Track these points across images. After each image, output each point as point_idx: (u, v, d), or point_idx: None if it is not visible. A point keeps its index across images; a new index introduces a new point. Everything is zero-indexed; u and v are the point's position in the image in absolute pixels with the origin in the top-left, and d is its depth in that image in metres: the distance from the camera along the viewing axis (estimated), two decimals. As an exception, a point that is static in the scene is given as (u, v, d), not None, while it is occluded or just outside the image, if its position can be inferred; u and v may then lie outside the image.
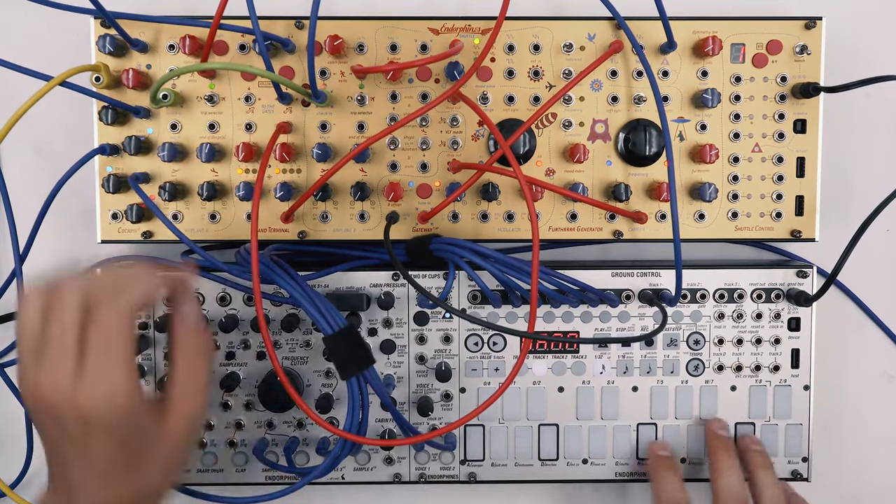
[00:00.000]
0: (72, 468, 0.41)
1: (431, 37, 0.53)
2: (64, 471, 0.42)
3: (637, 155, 0.54)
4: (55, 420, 0.40)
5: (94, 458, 0.40)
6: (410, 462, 0.56)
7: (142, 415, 0.41)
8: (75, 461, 0.41)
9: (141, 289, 0.43)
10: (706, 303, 0.56)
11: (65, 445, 0.41)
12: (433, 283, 0.55)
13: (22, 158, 0.60)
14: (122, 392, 0.40)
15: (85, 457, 0.41)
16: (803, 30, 0.54)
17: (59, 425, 0.40)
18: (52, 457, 0.42)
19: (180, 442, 0.44)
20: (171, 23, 0.52)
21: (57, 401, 0.39)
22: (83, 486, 0.41)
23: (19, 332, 0.41)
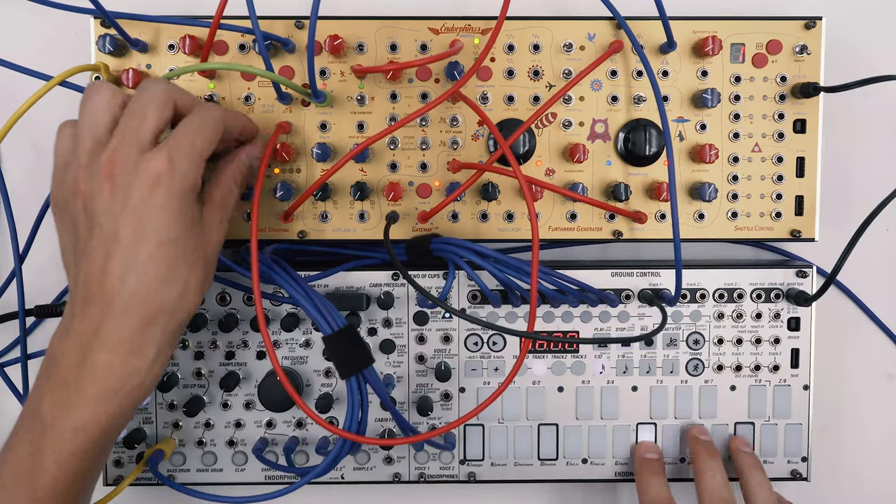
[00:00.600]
0: (118, 251, 0.40)
1: (431, 37, 0.53)
2: (104, 262, 0.41)
3: (637, 155, 0.54)
4: (118, 189, 0.40)
5: (148, 231, 0.40)
6: (410, 462, 0.56)
7: (196, 204, 0.43)
8: (125, 239, 0.40)
9: (231, 111, 0.48)
10: (706, 303, 0.56)
11: (119, 220, 0.40)
12: (433, 282, 0.55)
13: (22, 158, 0.60)
14: (192, 170, 0.42)
15: (139, 231, 0.40)
16: (803, 30, 0.54)
17: (119, 194, 0.40)
18: (91, 252, 0.41)
19: (213, 251, 0.45)
20: (171, 23, 0.52)
21: (127, 167, 0.41)
22: (124, 276, 0.41)
23: (87, 120, 0.43)
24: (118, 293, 0.41)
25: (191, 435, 0.56)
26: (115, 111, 0.43)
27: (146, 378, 0.43)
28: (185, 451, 0.56)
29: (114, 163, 0.41)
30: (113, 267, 0.41)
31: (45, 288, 0.59)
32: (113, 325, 0.41)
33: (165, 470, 0.56)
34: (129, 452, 0.55)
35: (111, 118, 0.43)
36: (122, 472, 0.55)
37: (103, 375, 0.41)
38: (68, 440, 0.41)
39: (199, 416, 0.56)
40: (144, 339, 0.42)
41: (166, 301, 0.42)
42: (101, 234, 0.41)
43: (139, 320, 0.41)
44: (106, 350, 0.41)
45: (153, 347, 0.42)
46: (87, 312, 0.41)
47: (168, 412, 0.56)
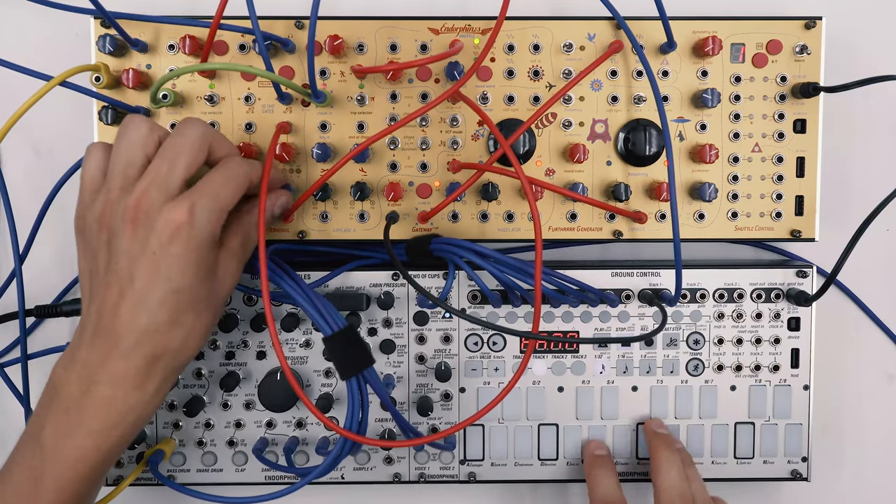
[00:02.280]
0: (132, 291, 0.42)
1: (431, 37, 0.53)
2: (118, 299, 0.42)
3: (637, 155, 0.54)
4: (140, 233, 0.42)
5: (162, 277, 0.42)
6: (410, 462, 0.56)
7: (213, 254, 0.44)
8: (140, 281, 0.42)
9: (260, 167, 0.48)
10: (706, 303, 0.56)
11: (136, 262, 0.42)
12: (433, 282, 0.55)
13: (22, 158, 0.60)
14: (212, 223, 0.43)
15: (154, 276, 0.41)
16: (803, 30, 0.54)
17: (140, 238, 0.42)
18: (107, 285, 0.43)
19: (223, 297, 0.47)
20: (171, 23, 0.52)
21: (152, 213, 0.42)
22: (135, 316, 0.42)
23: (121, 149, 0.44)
24: (127, 331, 0.42)
25: (191, 435, 0.56)
26: (150, 151, 0.44)
27: (145, 411, 0.44)
28: (185, 452, 0.56)
29: (139, 207, 0.42)
30: (125, 306, 0.42)
31: (45, 288, 0.59)
32: (118, 361, 0.43)
33: (165, 470, 0.56)
34: (129, 452, 0.55)
35: (144, 157, 0.44)
36: (122, 473, 0.55)
37: (105, 408, 0.43)
38: (68, 469, 0.43)
39: (200, 416, 0.56)
40: (147, 376, 0.43)
41: (171, 343, 0.43)
42: (118, 272, 0.42)
43: (144, 358, 0.43)
44: (110, 384, 0.43)
45: (154, 384, 0.44)
46: (95, 344, 0.43)
47: (168, 412, 0.56)
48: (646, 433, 0.56)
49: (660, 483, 0.52)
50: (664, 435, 0.55)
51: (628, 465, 0.57)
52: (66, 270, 0.60)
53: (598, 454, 0.55)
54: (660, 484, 0.52)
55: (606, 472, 0.54)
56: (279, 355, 0.46)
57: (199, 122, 0.45)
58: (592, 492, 0.53)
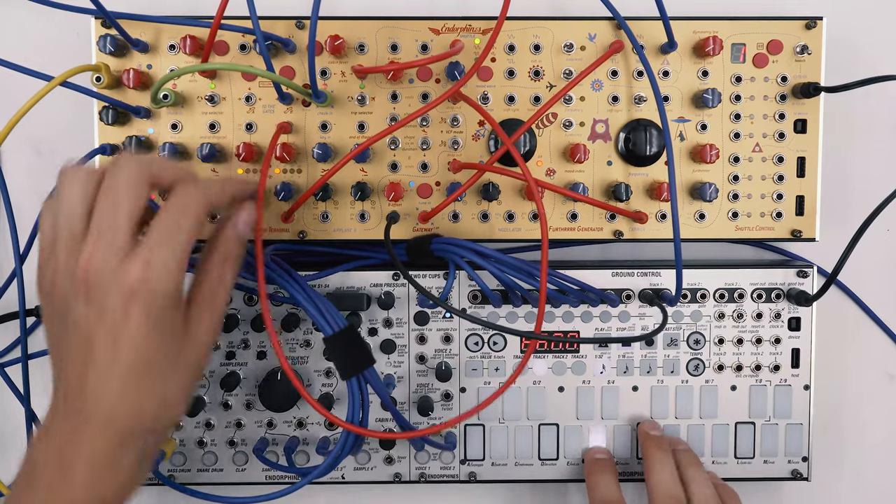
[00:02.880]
0: (93, 365, 0.39)
1: (432, 37, 0.53)
2: (81, 371, 0.39)
3: (637, 155, 0.54)
4: (94, 299, 0.38)
5: (124, 347, 0.38)
6: (410, 462, 0.56)
7: (179, 310, 0.41)
8: (100, 353, 0.38)
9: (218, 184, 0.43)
10: (706, 303, 0.56)
11: (94, 332, 0.38)
12: (433, 282, 0.55)
13: (22, 158, 0.60)
14: (172, 276, 0.39)
15: (114, 347, 0.38)
16: (804, 30, 0.54)
17: (95, 305, 0.38)
18: (69, 356, 0.40)
19: (200, 356, 0.43)
20: (171, 23, 0.52)
21: (103, 276, 0.38)
22: (100, 391, 0.39)
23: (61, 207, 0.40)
24: (95, 408, 0.39)
25: (191, 435, 0.56)
26: (90, 198, 0.40)
27: (127, 484, 0.41)
28: (185, 452, 0.56)
29: (87, 273, 0.38)
30: (90, 380, 0.39)
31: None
32: (87, 440, 0.39)
33: (166, 470, 0.56)
34: (130, 453, 0.55)
35: (86, 209, 0.40)
36: (123, 473, 0.55)
37: (83, 486, 0.40)
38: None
39: (200, 416, 0.56)
40: (121, 454, 0.40)
41: (144, 417, 0.40)
42: (78, 341, 0.39)
43: (115, 436, 0.40)
44: (83, 462, 0.39)
45: (130, 460, 0.41)
46: (68, 418, 0.40)
47: (168, 412, 0.56)
48: (639, 435, 0.56)
49: (652, 484, 0.52)
50: (657, 437, 0.55)
51: (628, 466, 0.57)
52: (67, 270, 0.60)
53: (598, 457, 0.55)
54: (652, 485, 0.52)
55: (606, 474, 0.54)
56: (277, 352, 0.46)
57: (131, 158, 0.41)
58: (591, 493, 0.53)
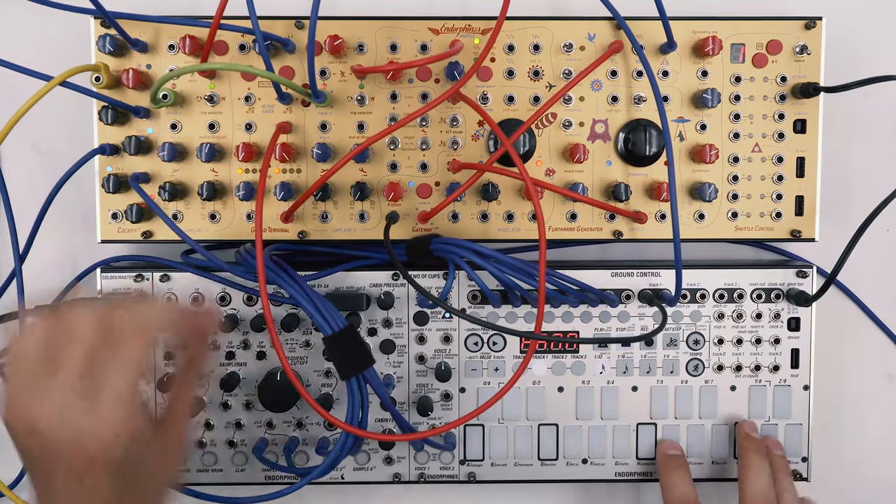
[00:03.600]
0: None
1: (431, 37, 0.53)
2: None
3: (637, 155, 0.54)
4: (50, 453, 0.37)
5: (90, 495, 0.37)
6: (410, 462, 0.56)
7: (144, 449, 0.39)
8: (68, 499, 0.38)
9: (161, 325, 0.41)
10: (706, 303, 0.56)
11: (57, 482, 0.37)
12: (433, 283, 0.55)
13: (22, 158, 0.60)
14: (130, 428, 0.38)
15: (80, 495, 0.37)
16: (803, 30, 0.54)
17: (54, 459, 0.37)
18: (41, 494, 0.39)
19: (171, 477, 0.43)
20: (171, 23, 0.52)
21: (58, 432, 0.36)
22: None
23: (16, 355, 0.38)
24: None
25: (191, 435, 0.56)
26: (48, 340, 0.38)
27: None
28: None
29: (47, 429, 0.37)
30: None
31: (46, 288, 0.59)
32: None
33: (165, 470, 0.56)
34: (130, 453, 0.55)
35: (44, 358, 0.38)
36: (123, 473, 0.55)
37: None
38: None
39: (199, 416, 0.56)
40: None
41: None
42: (46, 496, 0.38)
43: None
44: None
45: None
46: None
47: (168, 412, 0.56)
48: (738, 435, 0.56)
49: (746, 487, 0.52)
50: (756, 440, 0.54)
51: (628, 466, 0.57)
52: (66, 270, 0.60)
53: (671, 454, 0.55)
54: (746, 488, 0.52)
55: (681, 471, 0.54)
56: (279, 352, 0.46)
57: (80, 304, 0.40)
58: (666, 492, 0.53)
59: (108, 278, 0.55)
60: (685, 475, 0.54)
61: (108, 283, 0.55)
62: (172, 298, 0.55)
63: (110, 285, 0.55)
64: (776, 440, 0.56)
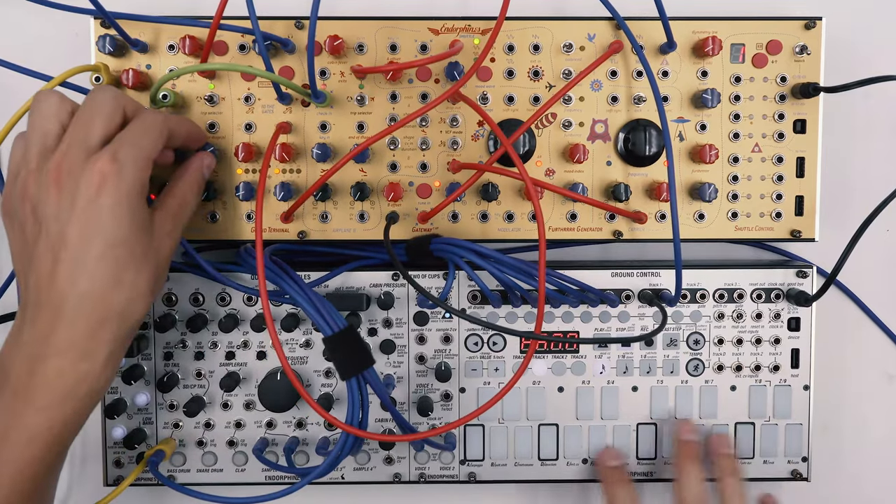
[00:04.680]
0: (65, 252, 0.41)
1: (431, 37, 0.53)
2: (53, 264, 0.41)
3: (637, 155, 0.54)
4: (65, 189, 0.41)
5: (95, 231, 0.41)
6: (410, 462, 0.56)
7: (145, 205, 0.44)
8: (72, 240, 0.41)
9: (175, 117, 0.48)
10: (706, 303, 0.56)
11: (66, 221, 0.41)
12: (433, 283, 0.55)
13: (22, 158, 0.59)
14: (138, 168, 0.42)
15: (86, 231, 0.41)
16: (803, 30, 0.54)
17: (66, 195, 0.41)
18: (40, 256, 0.42)
19: (163, 255, 0.45)
20: (171, 23, 0.52)
21: (74, 168, 0.41)
22: (73, 278, 0.41)
23: (35, 125, 0.43)
24: (67, 297, 0.41)
25: (191, 435, 0.56)
26: (64, 119, 0.43)
27: (97, 383, 0.43)
28: (185, 452, 0.56)
29: (60, 168, 0.41)
30: (61, 271, 0.41)
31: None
32: (63, 330, 0.41)
33: (166, 470, 0.56)
34: (130, 453, 0.55)
35: (59, 126, 0.43)
36: (123, 473, 0.55)
37: (54, 381, 0.41)
38: (22, 450, 0.42)
39: (200, 416, 0.56)
40: (95, 343, 0.42)
41: (115, 304, 0.42)
42: (48, 238, 0.41)
43: (89, 324, 0.41)
44: (56, 355, 0.41)
45: (104, 351, 0.42)
46: (37, 319, 0.42)
47: (168, 412, 0.56)
48: (675, 437, 0.55)
49: (677, 495, 0.52)
50: (693, 444, 0.54)
51: (629, 466, 0.57)
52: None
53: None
54: (680, 494, 0.52)
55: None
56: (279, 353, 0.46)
57: (109, 87, 0.45)
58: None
59: (108, 278, 0.55)
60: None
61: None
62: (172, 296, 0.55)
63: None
64: (723, 436, 0.55)
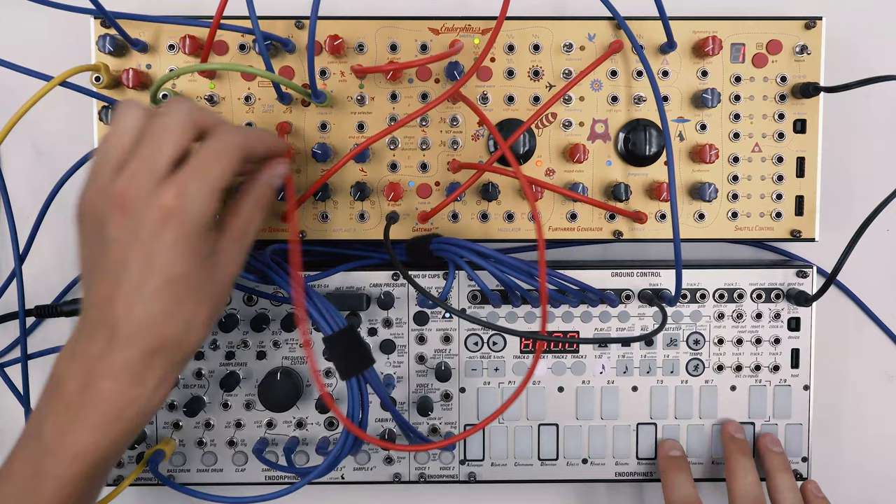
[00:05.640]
0: (125, 280, 0.40)
1: (431, 37, 0.53)
2: (113, 288, 0.41)
3: (637, 155, 0.54)
4: (129, 217, 0.40)
5: (156, 265, 0.40)
6: (410, 462, 0.56)
7: (209, 238, 0.43)
8: (133, 269, 0.40)
9: (255, 133, 0.48)
10: (706, 303, 0.56)
11: (128, 249, 0.40)
12: (433, 283, 0.55)
13: (22, 158, 0.60)
14: (205, 203, 0.41)
15: (146, 264, 0.40)
16: (803, 30, 0.54)
17: (130, 223, 0.40)
18: (102, 274, 0.41)
19: (225, 284, 0.44)
20: (171, 23, 0.52)
21: (140, 196, 0.40)
22: (130, 306, 0.40)
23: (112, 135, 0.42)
24: (123, 323, 0.41)
25: (191, 435, 0.56)
26: (139, 132, 0.42)
27: (147, 406, 0.43)
28: (185, 452, 0.56)
29: (126, 192, 0.40)
30: (120, 297, 0.41)
31: (45, 288, 0.60)
32: (117, 354, 0.41)
33: (166, 470, 0.56)
34: (130, 452, 0.55)
35: (133, 139, 0.42)
36: (123, 473, 0.55)
37: (105, 402, 0.41)
38: (68, 465, 0.42)
39: (200, 416, 0.56)
40: (147, 370, 0.42)
41: (170, 335, 0.42)
42: (110, 261, 0.41)
43: (142, 351, 0.41)
44: (109, 378, 0.41)
45: (155, 378, 0.42)
46: (94, 337, 0.42)
47: (168, 412, 0.56)
48: (722, 437, 0.56)
49: (734, 489, 0.52)
50: (741, 441, 0.55)
51: (628, 466, 0.57)
52: (66, 270, 0.60)
53: (672, 455, 0.55)
54: (734, 490, 0.52)
55: (683, 473, 0.54)
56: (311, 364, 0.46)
57: (184, 100, 0.44)
58: (668, 493, 0.53)
59: (108, 278, 0.55)
60: (687, 477, 0.54)
61: (108, 283, 0.55)
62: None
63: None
64: (773, 436, 0.56)
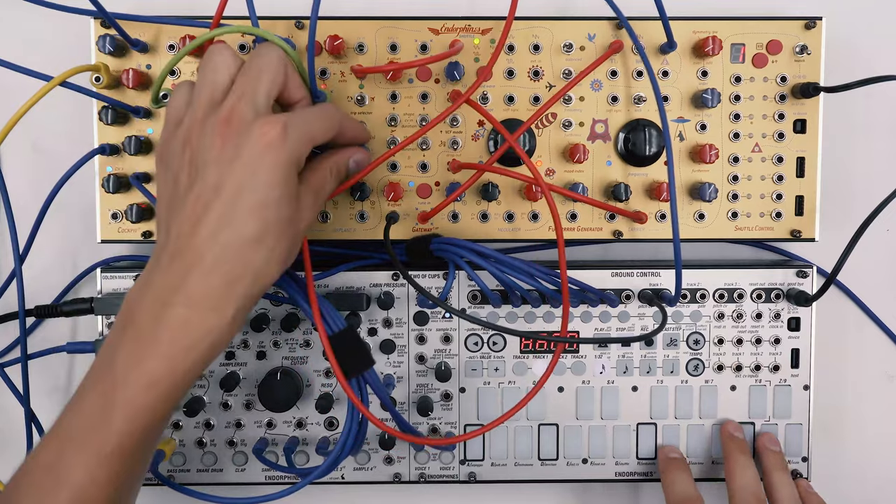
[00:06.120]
0: (218, 203, 0.41)
1: (431, 37, 0.53)
2: (200, 215, 0.41)
3: (637, 155, 0.54)
4: (232, 139, 0.41)
5: (250, 190, 0.41)
6: (410, 462, 0.56)
7: (296, 180, 0.43)
8: (227, 191, 0.41)
9: (351, 121, 0.50)
10: (706, 303, 0.56)
11: (227, 170, 0.41)
12: (433, 283, 0.55)
13: (22, 158, 0.60)
14: (303, 146, 0.43)
15: (242, 187, 0.41)
16: (803, 30, 0.54)
17: (232, 145, 0.41)
18: (189, 204, 0.42)
19: (300, 229, 0.45)
20: (171, 23, 0.52)
21: (245, 121, 0.41)
22: (218, 231, 0.41)
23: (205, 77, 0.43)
24: (209, 247, 0.41)
25: (191, 435, 0.56)
26: (234, 74, 0.43)
27: (220, 339, 0.42)
28: (185, 452, 0.56)
29: (231, 119, 0.41)
30: (208, 220, 0.41)
31: (45, 288, 0.60)
32: (197, 280, 0.41)
33: (166, 470, 0.56)
34: (130, 453, 0.55)
35: (229, 80, 0.43)
36: (123, 473, 0.55)
37: (180, 330, 0.41)
38: (139, 394, 0.41)
39: (199, 416, 0.56)
40: (226, 298, 0.41)
41: (253, 262, 0.41)
42: (202, 186, 0.41)
43: (224, 278, 0.41)
44: (186, 304, 0.41)
45: (233, 307, 0.41)
46: (172, 266, 0.41)
47: (168, 412, 0.56)
48: (721, 436, 0.56)
49: (733, 485, 0.52)
50: (739, 440, 0.55)
51: (628, 466, 0.57)
52: (67, 270, 0.60)
53: (672, 457, 0.55)
54: (733, 486, 0.52)
55: (682, 471, 0.54)
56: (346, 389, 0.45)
57: (272, 46, 0.45)
58: (669, 491, 0.53)
59: (108, 278, 0.55)
60: (687, 476, 0.54)
61: (107, 284, 0.55)
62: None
63: (110, 285, 0.55)
64: (772, 435, 0.56)
